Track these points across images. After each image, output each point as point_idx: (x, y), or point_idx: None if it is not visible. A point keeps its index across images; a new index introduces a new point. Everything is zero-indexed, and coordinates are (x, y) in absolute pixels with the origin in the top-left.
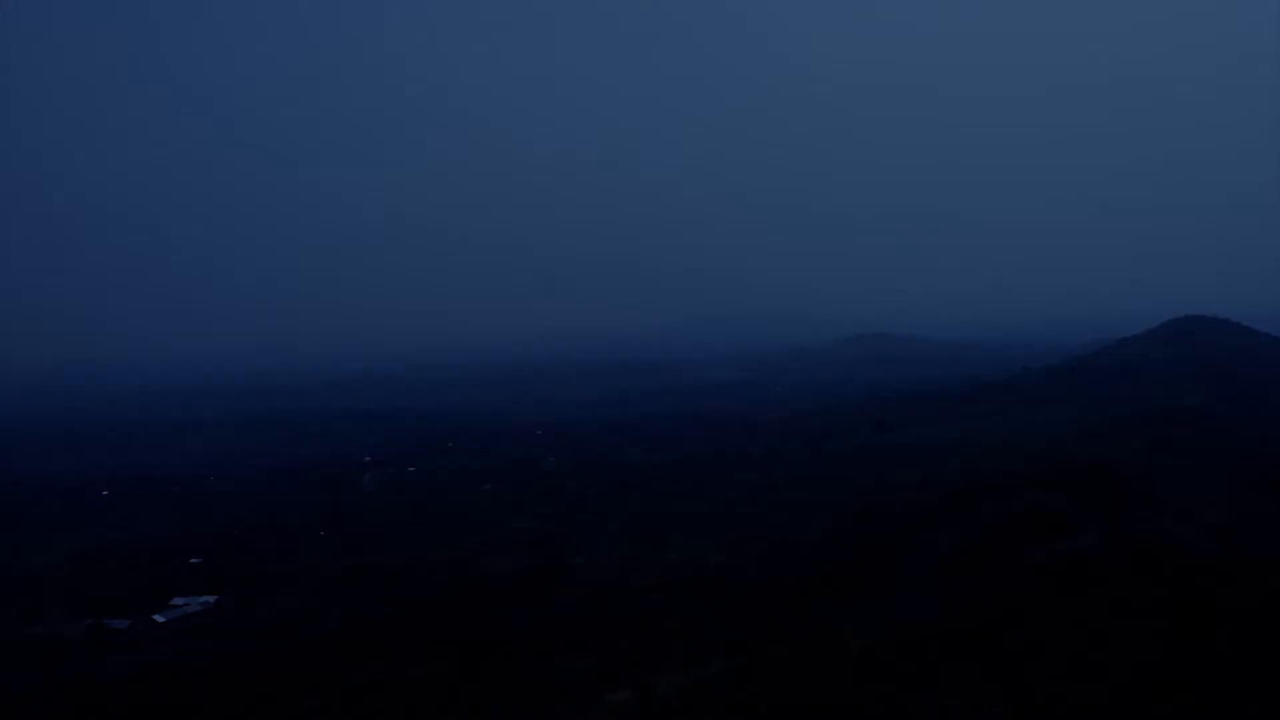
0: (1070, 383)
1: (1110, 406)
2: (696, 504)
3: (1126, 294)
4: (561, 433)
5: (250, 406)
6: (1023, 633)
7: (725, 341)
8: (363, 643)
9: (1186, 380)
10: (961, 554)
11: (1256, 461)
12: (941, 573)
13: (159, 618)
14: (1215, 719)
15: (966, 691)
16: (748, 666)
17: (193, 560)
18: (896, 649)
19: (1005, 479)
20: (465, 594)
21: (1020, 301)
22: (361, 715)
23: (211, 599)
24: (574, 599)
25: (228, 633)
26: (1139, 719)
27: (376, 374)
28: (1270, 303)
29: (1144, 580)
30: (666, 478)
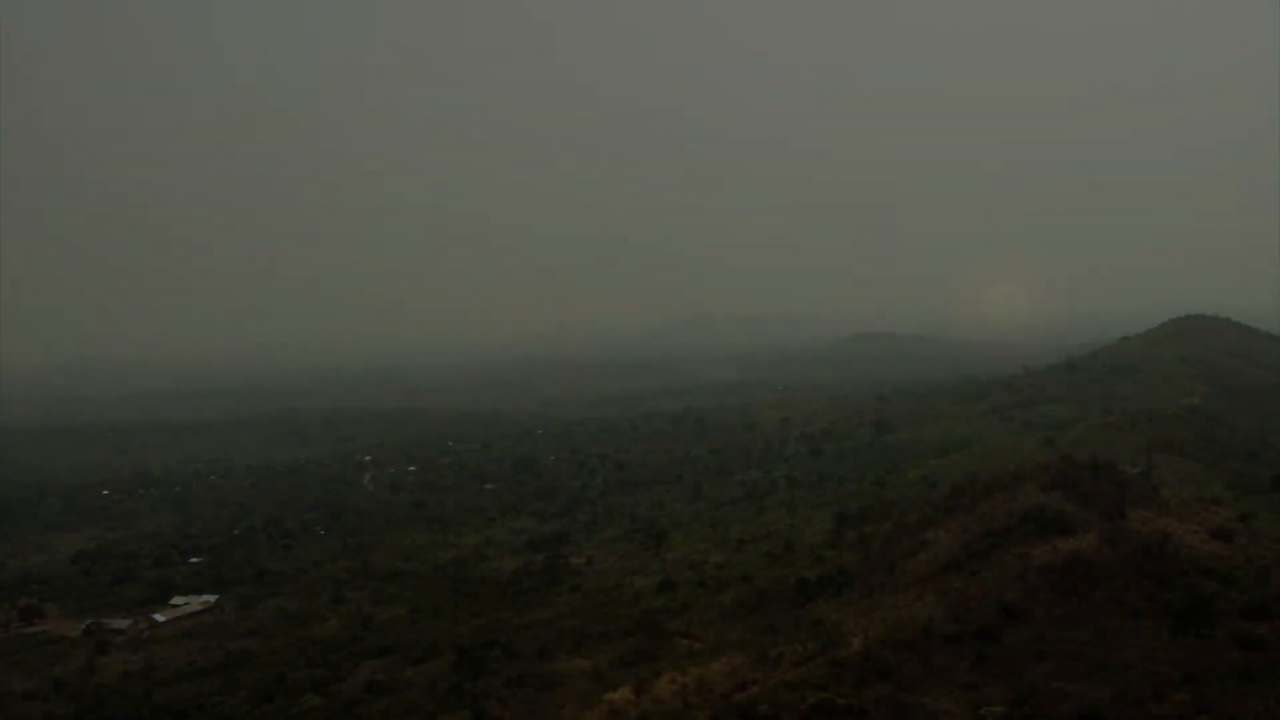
0: (1070, 383)
1: (1110, 406)
2: (696, 504)
3: (1126, 294)
4: (561, 433)
5: (250, 406)
6: (1023, 633)
7: (725, 341)
8: (362, 642)
9: (1186, 380)
10: (961, 554)
11: (1256, 461)
12: (941, 573)
13: (159, 618)
14: (1215, 719)
15: (966, 691)
16: (748, 666)
17: (193, 560)
18: (896, 649)
19: (1005, 479)
20: (465, 594)
21: (1021, 302)
22: (361, 715)
23: (212, 599)
24: (574, 599)
25: (228, 633)
26: (1139, 719)
27: (376, 374)
28: (1270, 303)
29: (1144, 580)
30: (666, 478)
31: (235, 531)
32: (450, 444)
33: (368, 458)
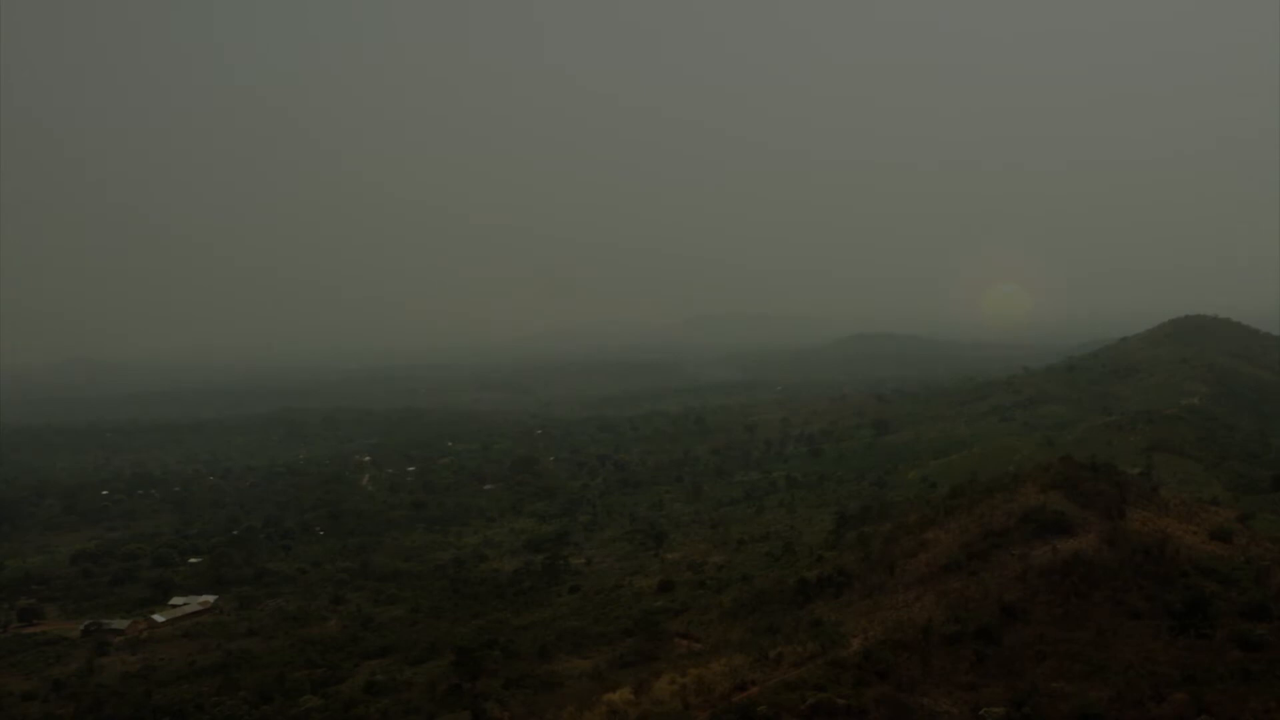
0: (1070, 383)
1: (1110, 406)
2: (696, 504)
3: (1126, 294)
4: (561, 433)
5: (250, 406)
6: (1023, 633)
7: (725, 341)
8: (362, 642)
9: (1186, 380)
10: (961, 554)
11: (1256, 461)
12: (941, 573)
13: (158, 618)
14: (1215, 719)
15: (966, 691)
16: (748, 667)
17: (192, 560)
18: (896, 649)
19: (1005, 479)
20: (465, 594)
21: (1021, 302)
22: (361, 715)
23: (211, 599)
24: (574, 599)
25: (227, 633)
26: (1139, 719)
27: (376, 374)
28: (1270, 303)
29: (1144, 580)
30: (666, 478)
31: (235, 531)
32: (450, 444)
33: (367, 458)
